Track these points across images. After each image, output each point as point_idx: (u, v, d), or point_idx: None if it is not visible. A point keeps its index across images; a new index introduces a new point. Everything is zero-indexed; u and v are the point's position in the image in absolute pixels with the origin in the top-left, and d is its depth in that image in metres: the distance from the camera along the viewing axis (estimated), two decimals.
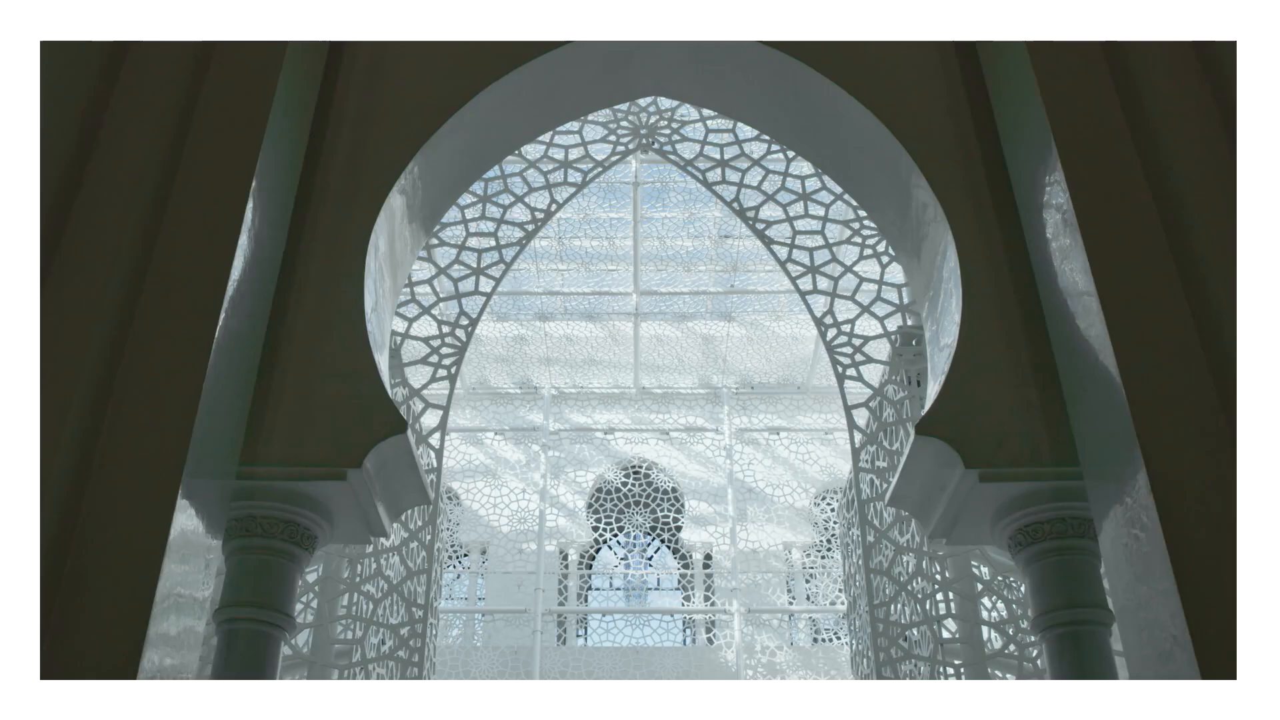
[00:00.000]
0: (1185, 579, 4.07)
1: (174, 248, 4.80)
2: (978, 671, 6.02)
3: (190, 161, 5.06)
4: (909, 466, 5.53)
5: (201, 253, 4.82)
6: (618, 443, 18.22)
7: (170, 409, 4.41)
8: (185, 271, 4.75)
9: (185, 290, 4.71)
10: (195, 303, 4.68)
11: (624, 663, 15.82)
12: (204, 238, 4.86)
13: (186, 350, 4.56)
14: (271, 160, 5.33)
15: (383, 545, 6.34)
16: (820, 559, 17.14)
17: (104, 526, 4.09)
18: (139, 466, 4.26)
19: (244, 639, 5.24)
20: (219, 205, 4.96)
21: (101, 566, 4.02)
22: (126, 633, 3.89)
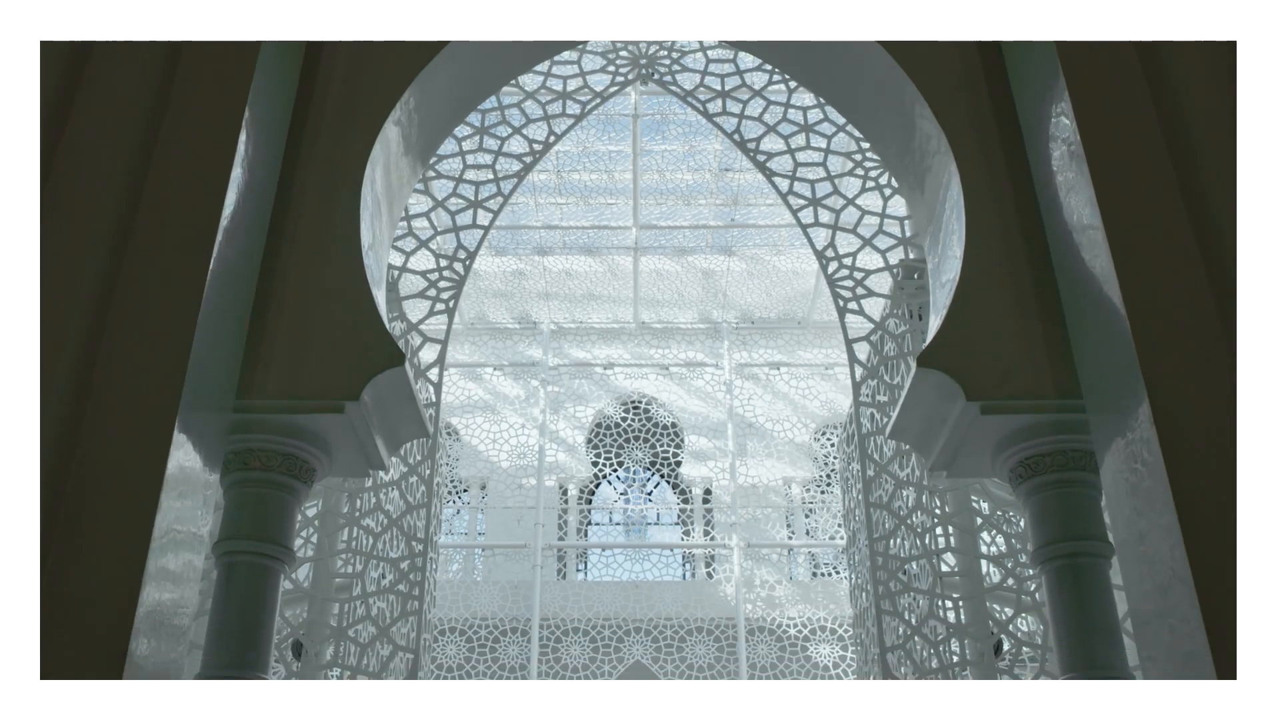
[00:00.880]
0: (1186, 513, 4.05)
1: (166, 179, 4.72)
2: (976, 605, 6.04)
3: (182, 91, 4.97)
4: (910, 399, 5.52)
5: (194, 184, 4.75)
6: (617, 378, 18.22)
7: (165, 342, 4.37)
8: (178, 203, 4.69)
9: (179, 222, 4.64)
10: (189, 234, 4.63)
11: (623, 597, 15.93)
12: (196, 169, 4.79)
13: (181, 282, 4.50)
14: (264, 90, 5.25)
15: (382, 480, 6.34)
16: (820, 494, 17.20)
17: (101, 462, 4.07)
18: (135, 401, 4.23)
19: (243, 572, 5.25)
20: (211, 136, 4.88)
21: (99, 503, 4.00)
22: (126, 569, 3.88)
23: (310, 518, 6.31)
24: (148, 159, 4.74)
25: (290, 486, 5.40)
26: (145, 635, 3.86)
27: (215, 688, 4.22)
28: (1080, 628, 5.15)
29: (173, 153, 4.78)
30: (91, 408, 4.16)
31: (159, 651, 3.95)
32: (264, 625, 5.24)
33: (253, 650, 5.15)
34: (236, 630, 5.16)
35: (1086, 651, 5.10)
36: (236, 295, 5.06)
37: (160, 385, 4.28)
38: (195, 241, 4.63)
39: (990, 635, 5.97)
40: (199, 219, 4.68)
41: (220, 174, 4.80)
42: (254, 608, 5.22)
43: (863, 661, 6.83)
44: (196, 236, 4.64)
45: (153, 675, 3.90)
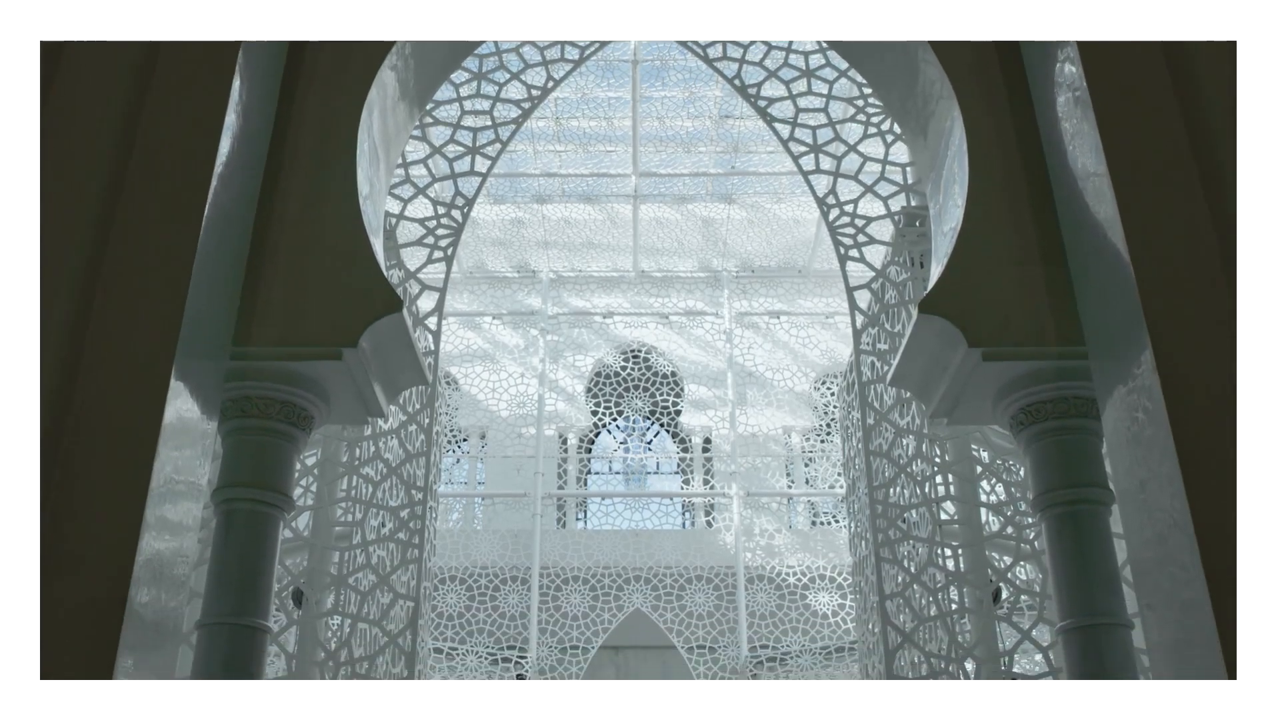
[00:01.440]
0: (1188, 461, 4.04)
1: (159, 126, 4.66)
2: (975, 553, 6.04)
3: (175, 36, 4.89)
4: (911, 345, 5.49)
5: (188, 131, 4.69)
6: (616, 327, 18.18)
7: (161, 290, 4.33)
8: (172, 149, 4.62)
9: (172, 168, 4.59)
10: (183, 180, 4.57)
11: (623, 545, 16.00)
12: (190, 115, 4.72)
13: (175, 229, 4.46)
14: None
15: (381, 428, 6.33)
16: (819, 443, 17.22)
17: (97, 412, 4.04)
18: (131, 349, 4.20)
19: (242, 519, 5.25)
20: (204, 81, 4.81)
21: (97, 452, 3.97)
22: (124, 519, 3.86)
23: (310, 466, 6.30)
24: (140, 106, 4.67)
25: (288, 434, 5.39)
26: (145, 585, 3.85)
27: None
28: (1080, 575, 5.16)
29: (165, 99, 4.71)
30: (87, 357, 4.13)
31: (159, 601, 3.95)
32: (264, 572, 5.25)
33: (253, 597, 5.16)
34: (236, 577, 5.17)
35: (1086, 598, 5.12)
36: (232, 242, 5.01)
37: (156, 333, 4.25)
38: (189, 188, 4.57)
39: (989, 583, 5.99)
40: (193, 165, 4.63)
41: (214, 120, 4.74)
42: (254, 555, 5.23)
43: (861, 609, 6.86)
44: (191, 183, 4.59)
45: (153, 624, 3.90)
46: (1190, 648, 3.97)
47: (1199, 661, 3.90)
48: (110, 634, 3.66)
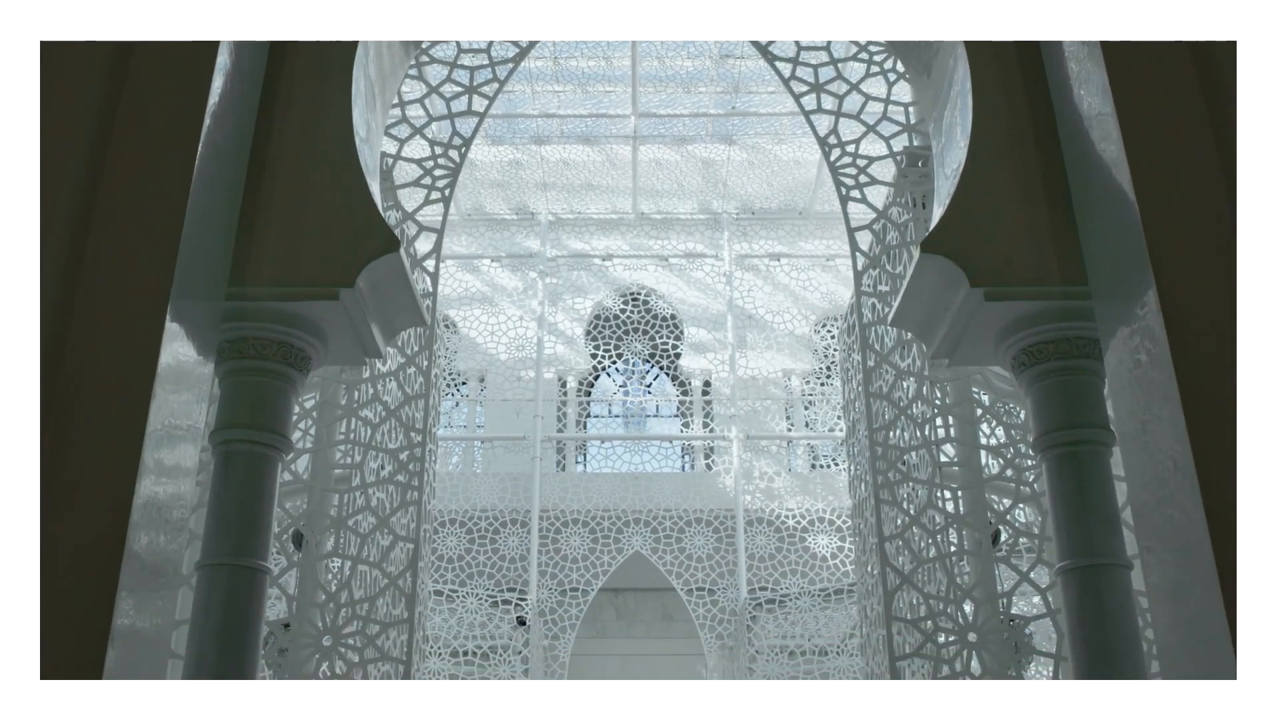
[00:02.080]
0: (1190, 403, 4.02)
1: (151, 62, 4.58)
2: (975, 495, 6.04)
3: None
4: (913, 285, 5.46)
5: (180, 68, 4.62)
6: (616, 269, 18.09)
7: (154, 230, 4.29)
8: (164, 87, 4.56)
9: (164, 106, 4.52)
10: (175, 119, 4.51)
11: (622, 488, 16.04)
12: (182, 52, 4.64)
13: (168, 169, 4.40)
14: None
15: (379, 371, 6.31)
16: (819, 386, 17.22)
17: (92, 354, 4.01)
18: (125, 290, 4.16)
19: (241, 460, 5.25)
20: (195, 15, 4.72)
21: (93, 396, 3.95)
22: (121, 463, 3.85)
23: (308, 409, 6.28)
24: (131, 46, 4.59)
25: (286, 375, 5.37)
26: (143, 529, 3.85)
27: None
28: (1079, 515, 5.16)
29: (156, 33, 4.62)
30: (81, 300, 4.09)
31: (157, 544, 3.94)
32: (263, 514, 5.26)
33: (253, 538, 5.17)
34: (235, 518, 5.17)
35: (1085, 539, 5.12)
36: (227, 182, 4.96)
37: (151, 275, 4.21)
38: (182, 126, 4.52)
39: (988, 525, 5.99)
40: (185, 104, 4.57)
41: (206, 59, 4.67)
42: (253, 496, 5.23)
43: (861, 551, 6.87)
44: (183, 121, 4.53)
45: (152, 567, 3.90)
46: (1189, 590, 3.97)
47: (1197, 604, 3.90)
48: (109, 577, 3.66)
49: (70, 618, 3.58)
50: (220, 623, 5.03)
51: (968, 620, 5.71)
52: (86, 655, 3.55)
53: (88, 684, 3.47)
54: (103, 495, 3.79)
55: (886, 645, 5.67)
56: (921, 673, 5.70)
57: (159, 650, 4.14)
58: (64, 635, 3.56)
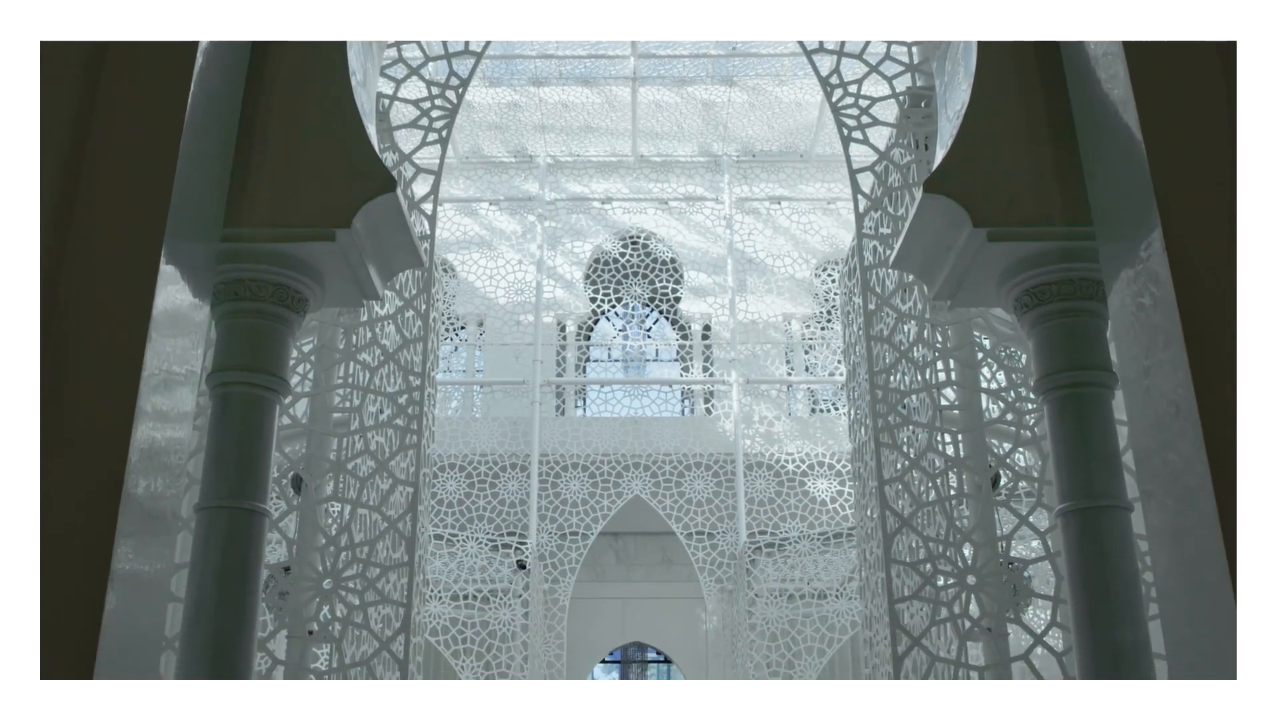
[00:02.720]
0: (1194, 347, 3.99)
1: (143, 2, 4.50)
2: (975, 439, 6.02)
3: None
4: (915, 225, 5.42)
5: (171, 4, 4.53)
6: (615, 213, 17.98)
7: (147, 170, 4.24)
8: (154, 24, 4.47)
9: (156, 43, 4.44)
10: (167, 57, 4.43)
11: (622, 433, 16.05)
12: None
13: (160, 108, 4.35)
14: None
15: (377, 314, 6.27)
16: (820, 330, 17.17)
17: (87, 299, 3.97)
18: (118, 231, 4.11)
19: (238, 403, 5.23)
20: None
21: (88, 339, 3.91)
22: (118, 408, 3.82)
23: (306, 353, 6.25)
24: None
25: (282, 317, 5.34)
26: (141, 474, 3.83)
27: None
28: (1080, 457, 5.15)
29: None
30: (74, 241, 4.04)
31: (156, 489, 3.93)
32: (261, 456, 5.25)
33: (251, 481, 5.17)
34: (234, 461, 5.16)
35: (1085, 481, 5.12)
36: (220, 121, 4.90)
37: (144, 215, 4.16)
38: (174, 65, 4.44)
39: (988, 468, 5.98)
40: (178, 44, 4.49)
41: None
42: (251, 439, 5.22)
43: (860, 495, 6.87)
44: (175, 60, 4.46)
45: (151, 512, 3.89)
46: (1189, 534, 3.97)
47: (1197, 547, 3.90)
48: (108, 522, 3.65)
49: (70, 563, 3.57)
50: (220, 565, 5.03)
51: (967, 563, 5.72)
52: (87, 599, 3.55)
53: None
54: (100, 441, 3.78)
55: (886, 588, 5.68)
56: (921, 614, 5.72)
57: (159, 594, 4.14)
58: (64, 580, 3.55)
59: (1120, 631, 4.93)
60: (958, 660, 5.54)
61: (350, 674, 5.66)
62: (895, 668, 5.53)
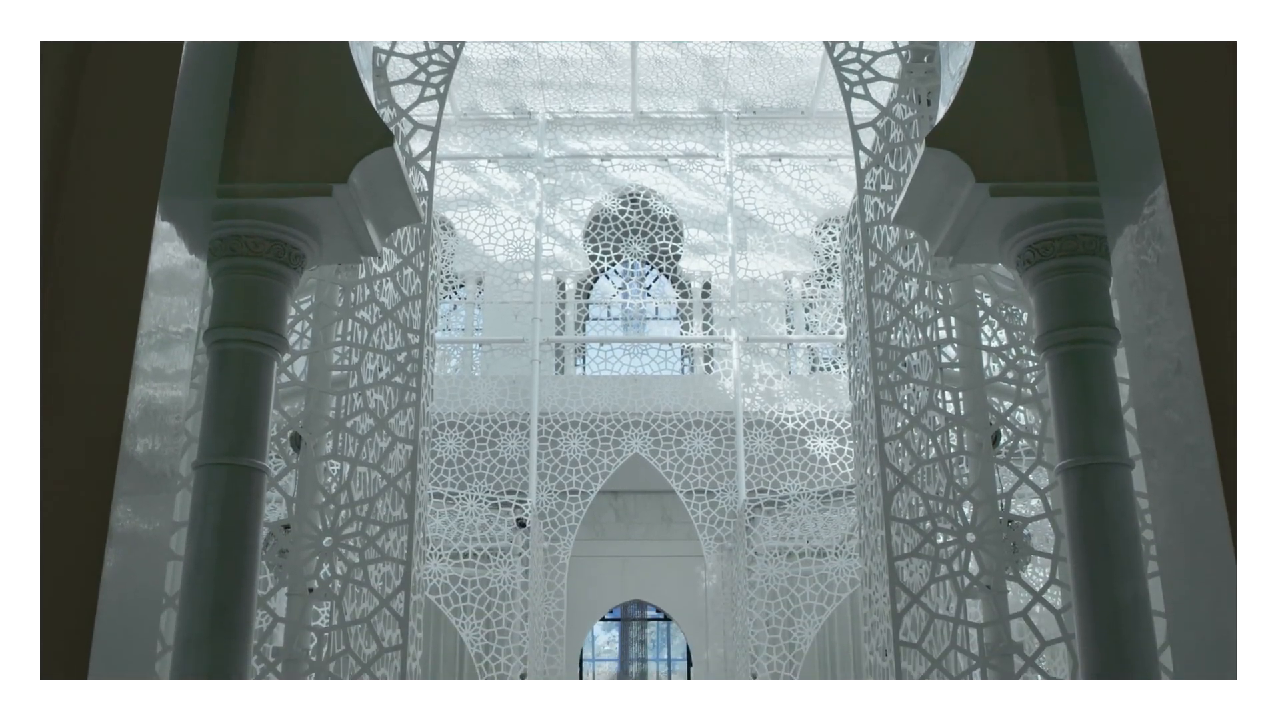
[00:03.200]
0: (1198, 303, 3.95)
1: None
2: (976, 396, 6.01)
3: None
4: (918, 180, 5.38)
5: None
6: (615, 170, 17.87)
7: (141, 125, 4.18)
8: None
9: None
10: (160, 9, 4.37)
11: (622, 391, 16.04)
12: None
13: (154, 62, 4.28)
14: None
15: (376, 271, 6.24)
16: (820, 288, 17.12)
17: (81, 256, 3.93)
18: (113, 189, 4.07)
19: (235, 360, 5.21)
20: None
21: (84, 298, 3.88)
22: (114, 368, 3.80)
23: (305, 311, 6.22)
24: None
25: (279, 273, 5.31)
26: (139, 433, 3.81)
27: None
28: (1082, 414, 5.14)
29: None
30: (68, 200, 4.00)
31: (154, 448, 3.91)
32: (260, 413, 5.24)
33: (250, 438, 5.16)
34: (232, 418, 5.15)
35: (1086, 438, 5.11)
36: (215, 76, 4.84)
37: (139, 171, 4.11)
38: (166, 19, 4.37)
39: (989, 426, 5.97)
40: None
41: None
42: (249, 396, 5.20)
43: (860, 453, 6.86)
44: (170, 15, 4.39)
45: (149, 472, 3.87)
46: (1189, 492, 3.95)
47: (1197, 504, 3.88)
48: (106, 482, 3.63)
49: (69, 522, 3.56)
50: (219, 522, 5.03)
51: (966, 521, 5.72)
52: (86, 558, 3.54)
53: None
54: (97, 401, 3.75)
55: (885, 545, 5.68)
56: (920, 572, 5.72)
57: (159, 552, 4.14)
58: (64, 540, 3.54)
59: (1120, 588, 4.94)
60: (956, 617, 5.55)
61: (350, 631, 5.67)
62: (894, 625, 5.54)
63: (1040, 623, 5.68)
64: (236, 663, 4.91)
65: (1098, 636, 4.93)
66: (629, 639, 21.08)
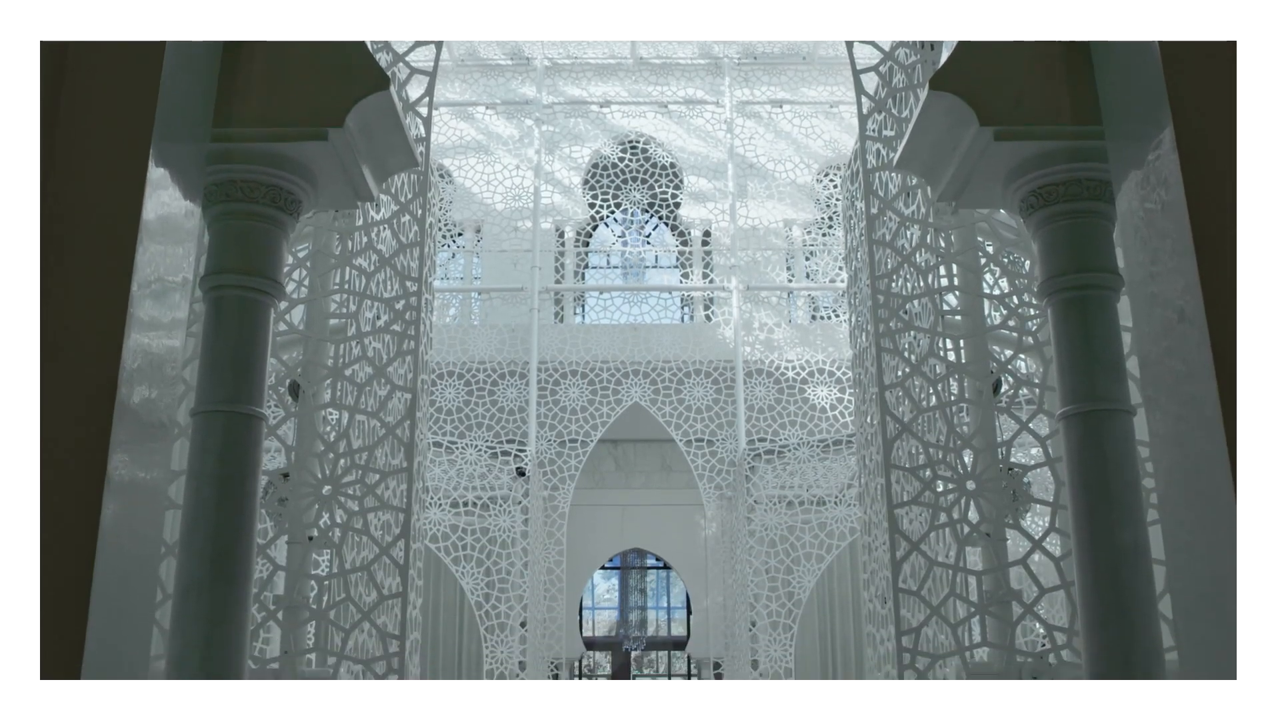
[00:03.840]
0: (1203, 252, 3.90)
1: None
2: (977, 344, 5.98)
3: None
4: (920, 124, 5.32)
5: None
6: (614, 116, 17.73)
7: (133, 69, 4.11)
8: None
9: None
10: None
11: (621, 340, 16.01)
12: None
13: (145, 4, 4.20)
14: None
15: (373, 218, 6.18)
16: (821, 236, 17.04)
17: (74, 203, 3.88)
18: (105, 134, 4.01)
19: (232, 306, 5.18)
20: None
21: (77, 245, 3.83)
22: (109, 317, 3.76)
23: (301, 259, 6.18)
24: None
25: (275, 218, 5.26)
26: (136, 382, 3.78)
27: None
28: (1084, 360, 5.12)
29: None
30: (61, 145, 3.94)
31: (151, 397, 3.88)
32: (257, 360, 5.21)
33: (247, 385, 5.13)
34: (228, 365, 5.12)
35: (1088, 384, 5.09)
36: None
37: (131, 117, 4.05)
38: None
39: (989, 374, 5.95)
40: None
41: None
42: (246, 343, 5.17)
43: (860, 401, 6.84)
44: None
45: (147, 422, 3.84)
46: (1191, 441, 3.93)
47: (1199, 452, 3.86)
48: (102, 432, 3.61)
49: (68, 472, 3.55)
50: (217, 470, 5.02)
51: (966, 469, 5.71)
52: (84, 508, 3.52)
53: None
54: (93, 351, 3.72)
55: (885, 493, 5.68)
56: (920, 519, 5.72)
57: (157, 501, 4.12)
58: (62, 490, 3.53)
59: (1120, 534, 4.94)
60: (956, 565, 5.56)
61: (351, 579, 5.68)
62: (894, 572, 5.55)
63: (1039, 570, 5.69)
64: (236, 610, 4.91)
65: (1097, 583, 4.94)
66: (628, 587, 21.23)
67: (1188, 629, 3.94)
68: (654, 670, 21.51)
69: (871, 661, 6.26)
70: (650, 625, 21.04)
